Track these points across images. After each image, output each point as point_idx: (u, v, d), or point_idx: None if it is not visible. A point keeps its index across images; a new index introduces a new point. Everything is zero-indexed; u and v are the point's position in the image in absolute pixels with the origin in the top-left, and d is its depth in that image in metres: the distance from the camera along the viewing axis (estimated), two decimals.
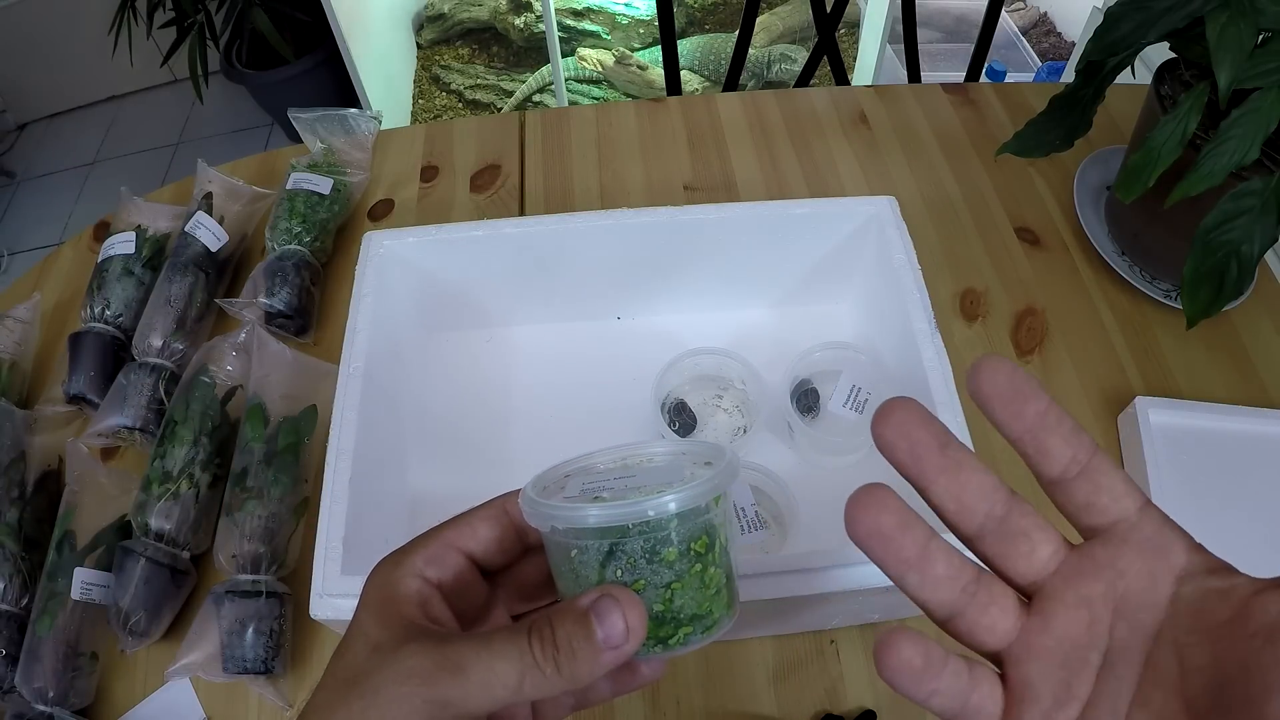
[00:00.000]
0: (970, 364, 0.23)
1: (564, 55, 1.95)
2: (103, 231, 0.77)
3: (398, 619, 0.27)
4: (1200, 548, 0.23)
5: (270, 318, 0.69)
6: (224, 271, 0.74)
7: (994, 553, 0.24)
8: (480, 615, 0.31)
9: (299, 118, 0.81)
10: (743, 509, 0.55)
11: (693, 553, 0.27)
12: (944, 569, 0.23)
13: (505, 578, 0.32)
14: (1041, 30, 1.95)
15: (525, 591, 0.32)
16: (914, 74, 1.33)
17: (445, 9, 2.14)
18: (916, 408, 0.23)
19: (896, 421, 0.23)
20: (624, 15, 2.00)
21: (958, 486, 0.23)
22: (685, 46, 1.95)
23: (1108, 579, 0.23)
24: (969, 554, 0.24)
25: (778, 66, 1.93)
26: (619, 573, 0.27)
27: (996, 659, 0.24)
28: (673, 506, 0.26)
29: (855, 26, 1.95)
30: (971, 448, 0.48)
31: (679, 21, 2.06)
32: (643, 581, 0.27)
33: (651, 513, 0.26)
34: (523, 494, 0.29)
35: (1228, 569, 0.22)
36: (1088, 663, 0.22)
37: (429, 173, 0.84)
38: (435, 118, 2.04)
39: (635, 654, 0.26)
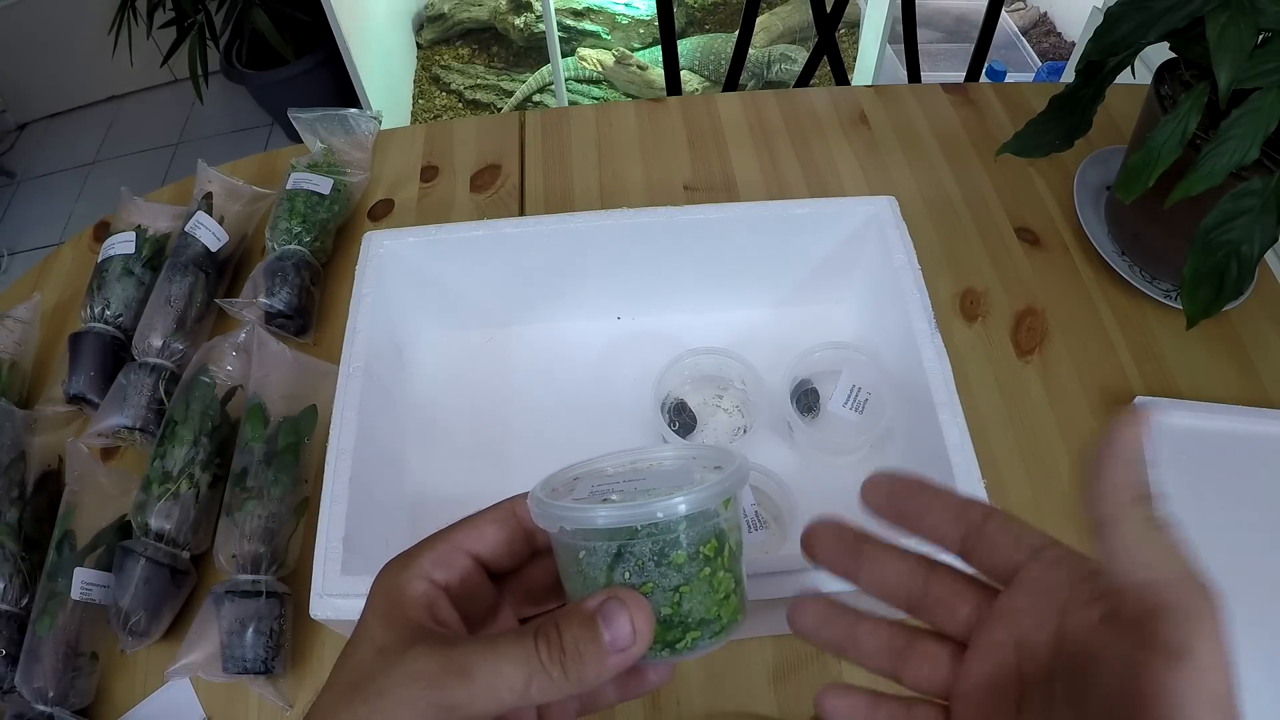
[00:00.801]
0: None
1: (564, 55, 1.95)
2: (103, 231, 0.77)
3: (404, 622, 0.27)
4: (1088, 575, 0.25)
5: (270, 318, 0.69)
6: (224, 271, 0.74)
7: (925, 619, 0.28)
8: (487, 618, 0.31)
9: (299, 118, 0.81)
10: (743, 509, 0.55)
11: (701, 556, 0.27)
12: (870, 644, 0.28)
13: (513, 581, 0.32)
14: (1041, 30, 1.95)
15: (533, 595, 0.32)
16: (914, 74, 1.33)
17: (445, 9, 2.14)
18: (831, 526, 0.29)
19: (817, 539, 0.29)
20: (624, 15, 2.00)
21: (879, 575, 0.28)
22: (685, 46, 1.95)
23: (1007, 624, 0.26)
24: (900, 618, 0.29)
25: (778, 66, 1.93)
26: (627, 575, 0.26)
27: (945, 700, 0.28)
28: (682, 509, 0.26)
29: (855, 26, 1.95)
30: (972, 448, 0.48)
31: (679, 21, 2.06)
32: (651, 584, 0.26)
33: (661, 514, 0.26)
34: (531, 495, 0.28)
35: (1103, 593, 0.24)
36: (1007, 699, 0.25)
37: (429, 173, 0.84)
38: (435, 118, 2.04)
39: (643, 658, 0.26)
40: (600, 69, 1.94)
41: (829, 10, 1.25)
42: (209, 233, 0.72)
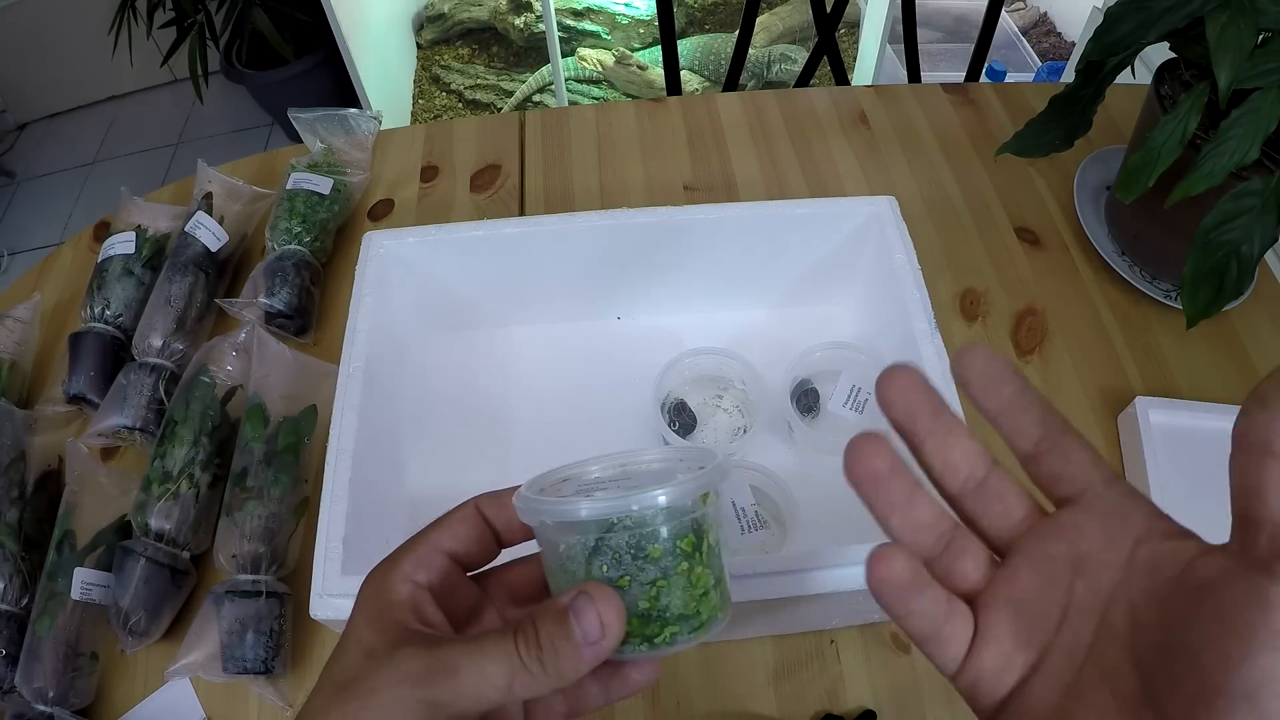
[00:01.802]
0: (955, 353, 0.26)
1: (564, 55, 1.95)
2: (103, 231, 0.77)
3: (391, 624, 0.27)
4: (1163, 515, 0.24)
5: (270, 318, 0.69)
6: (224, 271, 0.74)
7: (972, 511, 0.26)
8: (471, 618, 0.31)
9: (299, 118, 0.81)
10: (743, 509, 0.55)
11: (679, 550, 0.27)
12: (926, 515, 0.26)
13: (496, 583, 0.32)
14: (1041, 30, 1.95)
15: (517, 595, 0.32)
16: (914, 74, 1.33)
17: (445, 9, 2.14)
18: (918, 375, 0.26)
19: (898, 384, 0.26)
20: (624, 15, 2.00)
21: (945, 448, 0.26)
22: (685, 46, 1.95)
23: (1070, 540, 0.24)
24: (949, 510, 0.26)
25: (778, 66, 1.93)
26: (604, 569, 0.27)
27: (968, 603, 0.26)
28: (662, 500, 0.26)
29: (855, 26, 1.95)
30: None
31: (679, 21, 2.06)
32: (628, 578, 0.27)
33: (635, 506, 0.26)
34: (518, 493, 0.29)
35: (1186, 534, 0.23)
36: (1048, 615, 0.24)
37: (429, 173, 0.84)
38: (435, 118, 2.04)
39: (621, 653, 0.27)
40: (600, 69, 1.94)
41: (829, 10, 1.25)
42: (209, 233, 0.72)
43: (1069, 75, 1.44)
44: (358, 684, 0.26)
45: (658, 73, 1.87)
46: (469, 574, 0.32)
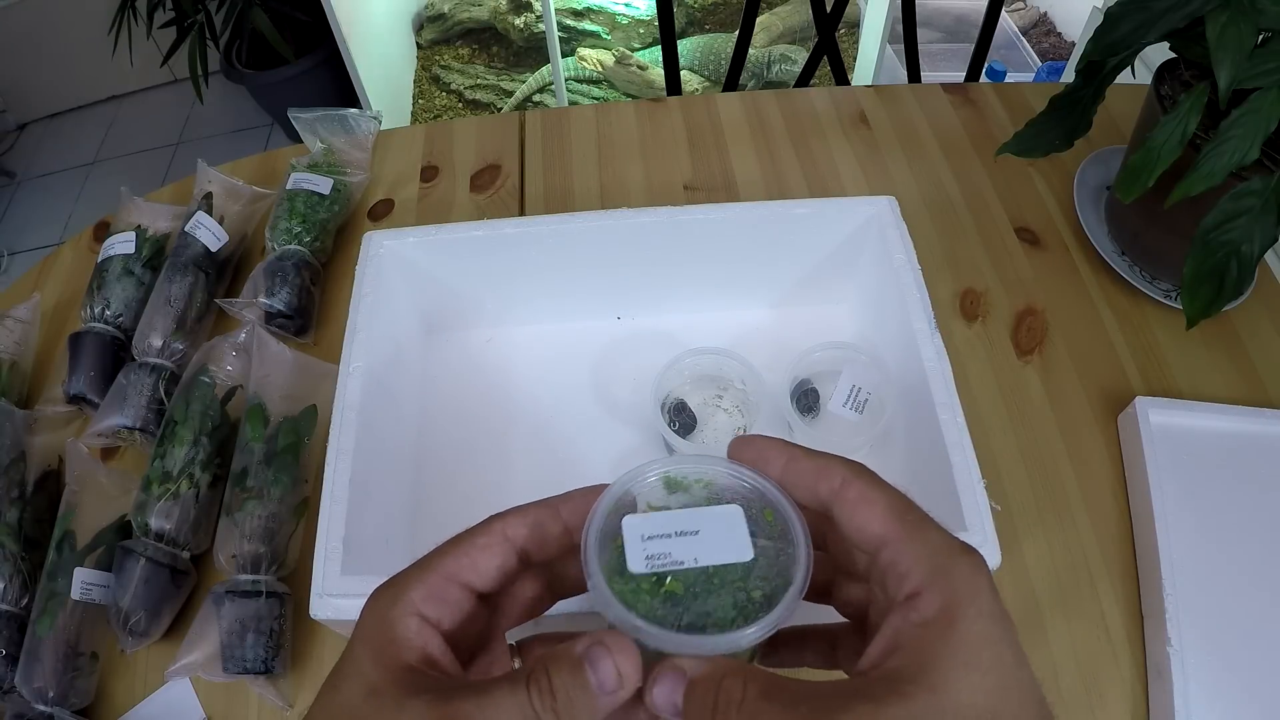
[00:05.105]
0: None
1: (564, 55, 1.95)
2: (103, 231, 0.77)
3: (396, 664, 0.26)
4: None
5: (270, 318, 0.69)
6: (224, 271, 0.74)
7: (837, 516, 0.30)
8: (479, 645, 0.30)
9: (299, 118, 0.81)
10: None
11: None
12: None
13: (504, 596, 0.31)
14: (1041, 30, 1.95)
15: (525, 607, 0.31)
16: (914, 74, 1.33)
17: (445, 9, 2.14)
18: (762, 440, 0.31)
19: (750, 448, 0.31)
20: (624, 15, 2.00)
21: (796, 474, 0.30)
22: (685, 46, 1.95)
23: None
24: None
25: (778, 66, 1.93)
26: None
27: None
28: (743, 644, 0.27)
29: (855, 26, 1.95)
30: (971, 448, 0.48)
31: (679, 21, 2.06)
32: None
33: (744, 644, 0.27)
34: (595, 580, 0.28)
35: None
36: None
37: (429, 173, 0.84)
38: (435, 118, 2.04)
39: None
40: (600, 69, 1.94)
41: (829, 10, 1.25)
42: (209, 233, 0.72)
43: (1069, 75, 1.44)
44: None
45: (658, 73, 1.87)
46: None
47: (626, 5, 2.00)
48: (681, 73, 1.27)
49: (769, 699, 0.24)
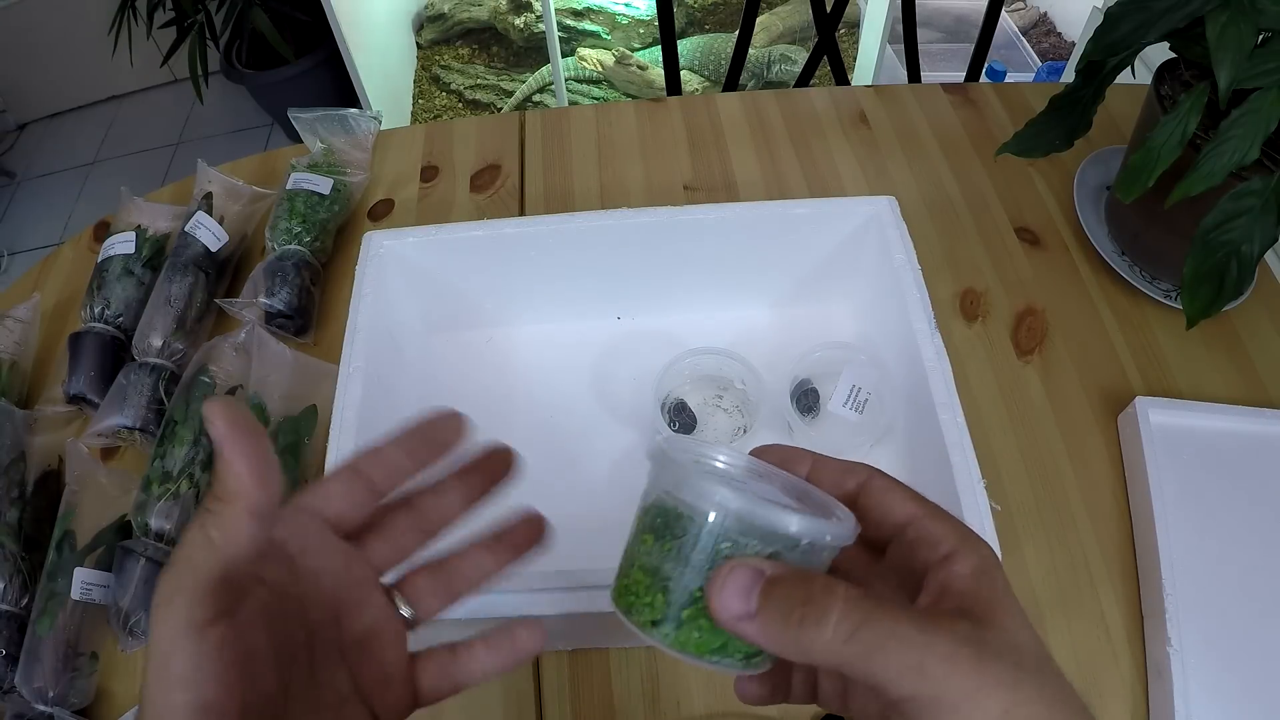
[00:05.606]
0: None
1: (564, 55, 1.95)
2: (103, 231, 0.77)
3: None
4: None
5: (270, 318, 0.69)
6: (224, 271, 0.74)
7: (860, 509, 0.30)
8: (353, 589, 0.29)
9: (299, 118, 0.81)
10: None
11: None
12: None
13: (371, 536, 0.30)
14: (1041, 30, 1.95)
15: (396, 547, 0.30)
16: (914, 74, 1.33)
17: (445, 9, 2.14)
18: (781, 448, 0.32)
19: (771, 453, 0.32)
20: (624, 15, 2.00)
21: (820, 472, 0.32)
22: (685, 46, 1.95)
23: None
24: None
25: (778, 66, 1.93)
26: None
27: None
28: (843, 530, 0.26)
29: (855, 26, 1.95)
30: (971, 447, 0.48)
31: (679, 21, 2.06)
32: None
33: (829, 537, 0.26)
34: (686, 463, 0.28)
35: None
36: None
37: (429, 173, 0.84)
38: (435, 118, 2.04)
39: (719, 663, 0.26)
40: (600, 69, 1.94)
41: (829, 10, 1.25)
42: (209, 233, 0.72)
43: (1069, 75, 1.44)
44: None
45: (658, 73, 1.87)
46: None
47: (626, 5, 2.00)
48: (681, 73, 1.27)
49: (871, 603, 0.23)
